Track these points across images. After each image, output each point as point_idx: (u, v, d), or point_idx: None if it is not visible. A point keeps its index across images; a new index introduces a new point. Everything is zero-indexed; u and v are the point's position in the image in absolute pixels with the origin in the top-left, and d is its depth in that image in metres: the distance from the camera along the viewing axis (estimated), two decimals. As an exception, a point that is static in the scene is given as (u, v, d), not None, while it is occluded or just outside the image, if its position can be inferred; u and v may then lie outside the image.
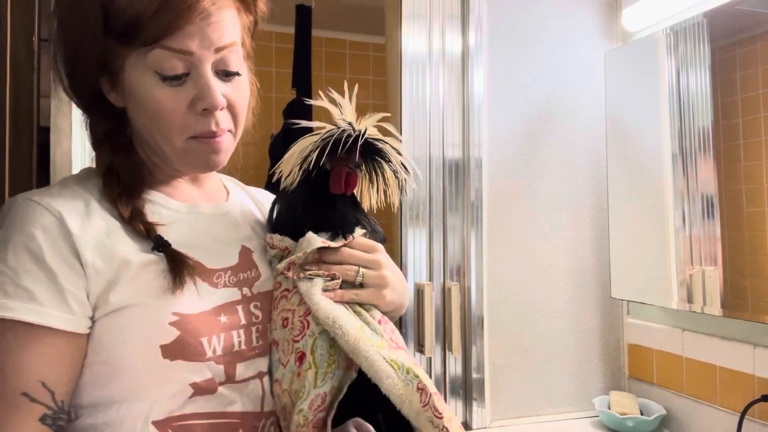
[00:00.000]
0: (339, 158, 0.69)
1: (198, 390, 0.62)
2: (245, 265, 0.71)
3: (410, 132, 1.40)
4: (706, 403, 1.31)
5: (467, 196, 1.43)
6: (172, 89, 0.63)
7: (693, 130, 1.30)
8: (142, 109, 0.64)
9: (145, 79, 0.62)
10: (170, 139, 0.65)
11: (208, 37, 0.62)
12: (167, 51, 0.61)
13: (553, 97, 1.55)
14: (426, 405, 0.61)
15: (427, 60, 1.43)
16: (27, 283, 0.58)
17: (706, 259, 1.27)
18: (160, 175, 0.72)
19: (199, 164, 0.68)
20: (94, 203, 0.64)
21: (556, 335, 1.53)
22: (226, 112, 0.67)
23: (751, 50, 1.18)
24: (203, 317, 0.64)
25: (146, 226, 0.64)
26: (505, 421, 1.46)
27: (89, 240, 0.61)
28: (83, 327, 0.60)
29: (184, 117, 0.64)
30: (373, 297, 0.68)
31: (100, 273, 0.60)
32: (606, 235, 1.56)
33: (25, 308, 0.57)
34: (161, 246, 0.63)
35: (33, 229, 0.59)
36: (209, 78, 0.63)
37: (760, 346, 1.20)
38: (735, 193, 1.22)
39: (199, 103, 0.63)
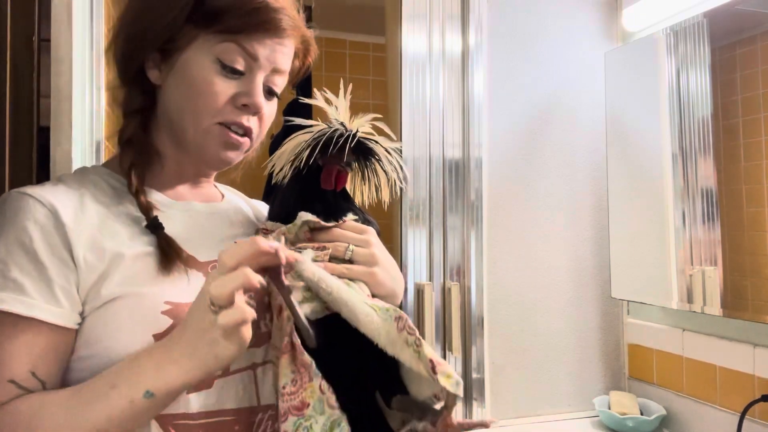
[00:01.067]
0: (331, 156, 0.70)
1: (197, 384, 0.61)
2: None
3: (410, 132, 1.40)
4: (706, 403, 1.31)
5: (467, 196, 1.43)
6: (226, 79, 0.67)
7: (693, 130, 1.30)
8: (188, 86, 0.67)
9: (206, 62, 0.67)
10: (200, 118, 0.68)
11: (275, 56, 0.69)
12: (239, 47, 0.67)
13: (553, 97, 1.55)
14: (402, 329, 0.59)
15: (427, 60, 1.43)
16: (17, 274, 0.58)
17: (706, 259, 1.27)
18: (165, 171, 0.74)
19: (213, 151, 0.70)
20: (88, 198, 0.65)
21: (556, 335, 1.53)
22: (256, 120, 0.71)
23: (751, 50, 1.18)
24: None
25: (148, 204, 0.66)
26: (505, 421, 1.46)
27: (82, 233, 0.62)
28: (72, 322, 0.60)
29: (224, 105, 0.68)
30: (363, 274, 0.68)
31: (92, 267, 0.61)
32: (606, 235, 1.56)
33: (12, 299, 0.57)
34: (155, 227, 0.65)
35: (25, 221, 0.60)
36: (260, 84, 0.69)
37: (760, 346, 1.20)
38: (735, 193, 1.22)
39: (242, 98, 0.68)
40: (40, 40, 1.11)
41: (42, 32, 1.11)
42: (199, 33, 0.67)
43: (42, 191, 0.63)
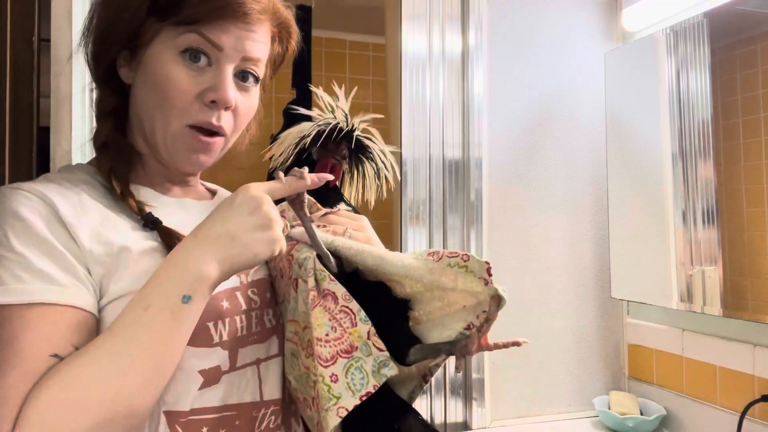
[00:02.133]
0: (326, 149, 0.72)
1: (206, 379, 0.61)
2: None
3: (410, 132, 1.40)
4: (706, 403, 1.31)
5: (467, 196, 1.43)
6: (190, 72, 0.64)
7: (693, 130, 1.30)
8: (153, 84, 0.64)
9: (168, 56, 0.63)
10: (169, 119, 0.65)
11: (242, 43, 0.65)
12: (201, 38, 0.63)
13: (553, 97, 1.55)
14: (440, 258, 0.62)
15: (427, 60, 1.43)
16: (41, 265, 0.55)
17: (706, 259, 1.27)
18: (148, 168, 0.71)
19: (183, 156, 0.67)
20: (85, 196, 0.63)
21: (556, 335, 1.53)
22: (230, 114, 0.67)
23: (751, 50, 1.18)
24: (208, 302, 0.62)
25: (138, 203, 0.64)
26: (505, 421, 1.46)
27: (85, 229, 0.60)
28: (96, 309, 0.58)
29: (191, 102, 0.64)
30: None
31: (100, 261, 0.59)
32: (606, 235, 1.56)
33: (46, 290, 0.55)
34: (152, 222, 0.63)
35: (29, 213, 0.57)
36: (228, 76, 0.65)
37: (760, 346, 1.20)
38: (735, 193, 1.22)
39: (210, 94, 0.64)
40: (40, 40, 1.11)
41: (42, 32, 1.11)
42: (162, 26, 0.63)
43: (37, 186, 0.61)
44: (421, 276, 0.62)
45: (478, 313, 0.67)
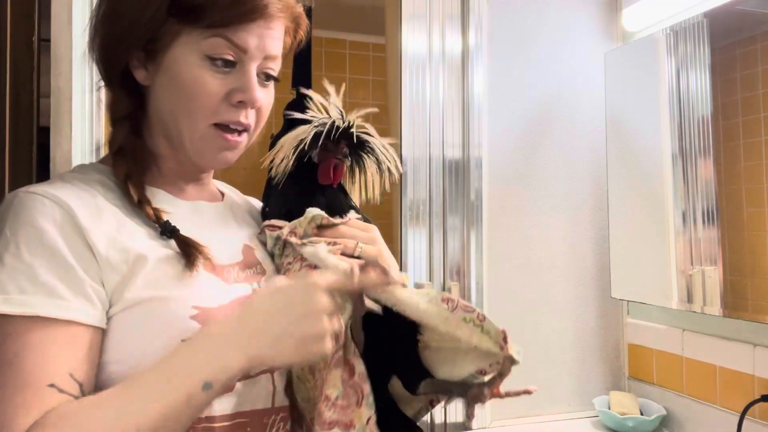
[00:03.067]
0: (326, 149, 0.71)
1: None
2: (250, 261, 0.71)
3: (410, 132, 1.40)
4: (706, 403, 1.31)
5: (467, 196, 1.43)
6: (217, 75, 0.64)
7: (693, 130, 1.30)
8: (179, 87, 0.64)
9: (193, 60, 0.64)
10: (196, 120, 0.65)
11: (265, 43, 0.66)
12: (226, 41, 0.63)
13: (553, 97, 1.55)
14: (455, 309, 0.61)
15: (427, 60, 1.43)
16: (46, 277, 0.55)
17: (706, 259, 1.27)
18: (165, 170, 0.71)
19: (211, 155, 0.68)
20: (101, 198, 0.63)
21: (556, 335, 1.53)
22: (253, 112, 0.68)
23: (751, 50, 1.18)
24: (223, 311, 0.62)
25: (155, 211, 0.64)
26: (505, 421, 1.46)
27: (101, 234, 0.59)
28: (103, 321, 0.58)
29: (218, 103, 0.65)
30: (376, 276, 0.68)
31: (115, 268, 0.59)
32: (606, 235, 1.56)
33: (48, 303, 0.55)
34: (170, 231, 0.63)
35: (44, 222, 0.57)
36: (254, 76, 0.66)
37: (760, 346, 1.20)
38: (735, 193, 1.22)
39: (237, 95, 0.65)
40: (40, 40, 1.11)
41: (42, 32, 1.11)
42: (182, 29, 0.63)
43: (54, 191, 0.60)
44: (436, 325, 0.61)
45: (491, 362, 0.66)
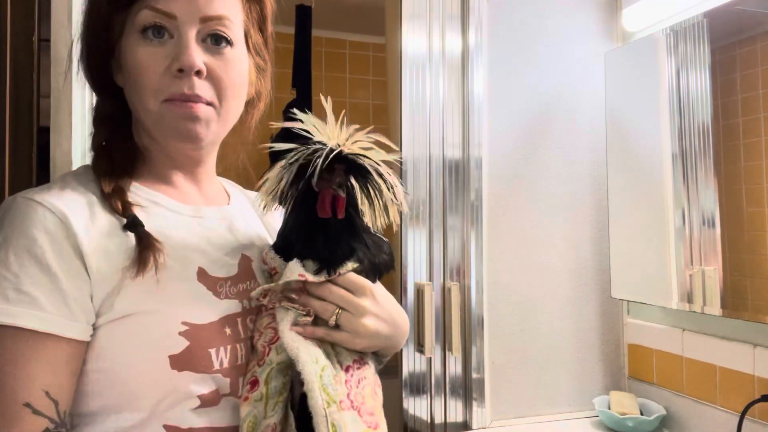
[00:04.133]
0: (321, 179, 0.63)
1: (204, 402, 0.61)
2: (244, 276, 0.70)
3: (410, 132, 1.40)
4: (706, 403, 1.31)
5: (467, 196, 1.43)
6: (153, 48, 0.63)
7: (693, 130, 1.30)
8: (128, 72, 0.65)
9: (132, 41, 0.63)
10: (146, 101, 0.64)
11: (195, 4, 0.63)
12: (152, 11, 0.62)
13: (553, 97, 1.55)
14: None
15: (427, 60, 1.43)
16: (29, 288, 0.55)
17: (706, 259, 1.27)
18: (157, 165, 0.70)
19: (174, 132, 0.65)
20: (97, 203, 0.62)
21: (556, 335, 1.53)
22: (206, 82, 0.65)
23: (751, 50, 1.18)
24: (212, 328, 0.62)
25: (124, 204, 0.63)
26: (505, 421, 1.46)
27: (94, 242, 0.59)
28: (86, 334, 0.58)
29: (161, 78, 0.63)
30: (346, 341, 0.66)
31: (105, 277, 0.59)
32: (606, 235, 1.56)
33: (27, 314, 0.55)
34: (133, 226, 0.61)
35: (35, 231, 0.57)
36: (189, 41, 0.63)
37: (760, 346, 1.20)
38: (735, 193, 1.22)
39: (175, 63, 0.63)
40: (40, 40, 1.11)
41: (42, 32, 1.11)
42: (124, 18, 0.64)
43: (50, 197, 0.59)
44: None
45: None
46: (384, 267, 0.72)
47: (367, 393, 0.65)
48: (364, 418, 0.62)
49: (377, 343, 0.69)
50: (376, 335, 0.67)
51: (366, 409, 0.64)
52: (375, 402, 0.66)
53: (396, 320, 0.71)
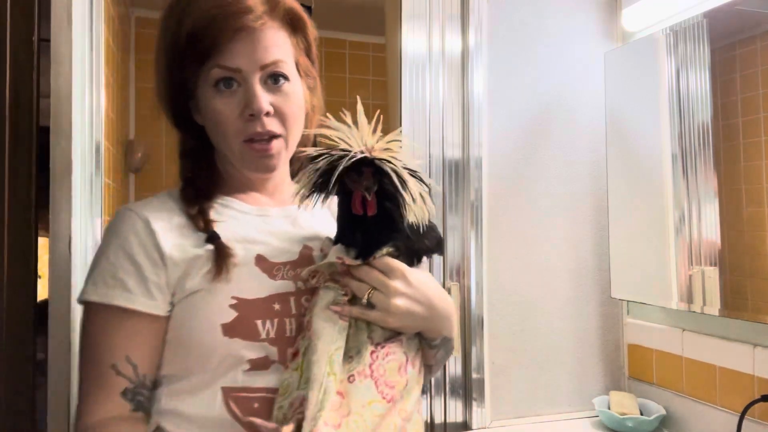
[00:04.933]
0: (354, 181, 0.70)
1: (254, 365, 0.71)
2: (304, 262, 0.79)
3: (410, 132, 1.40)
4: (706, 403, 1.31)
5: (467, 196, 1.43)
6: (226, 99, 0.75)
7: (693, 130, 1.30)
8: (209, 120, 0.78)
9: (208, 93, 0.76)
10: (229, 143, 0.77)
11: (255, 56, 0.74)
12: (221, 69, 0.74)
13: (553, 97, 1.55)
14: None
15: (427, 60, 1.43)
16: (121, 275, 0.72)
17: (706, 259, 1.27)
18: (235, 183, 0.84)
19: (254, 167, 0.79)
20: (177, 210, 0.78)
21: (556, 335, 1.53)
22: (274, 118, 0.76)
23: (751, 50, 1.18)
24: (258, 303, 0.73)
25: (205, 222, 0.77)
26: (505, 421, 1.46)
27: (169, 238, 0.74)
28: (162, 311, 0.73)
29: (236, 122, 0.75)
30: (378, 319, 0.72)
31: (177, 265, 0.73)
32: (606, 235, 1.56)
33: (119, 295, 0.72)
34: (212, 239, 0.75)
35: (126, 232, 0.74)
36: (256, 89, 0.74)
37: (760, 346, 1.20)
38: (735, 193, 1.22)
39: (246, 109, 0.75)
40: (40, 40, 1.11)
41: (42, 32, 1.11)
42: (197, 73, 0.76)
43: (140, 208, 0.77)
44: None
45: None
46: (423, 252, 0.78)
47: (391, 367, 0.71)
48: (379, 388, 0.69)
49: (411, 323, 0.75)
50: (409, 315, 0.74)
51: (386, 380, 0.69)
52: (399, 378, 0.71)
53: (433, 303, 0.76)
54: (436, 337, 0.79)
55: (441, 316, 0.78)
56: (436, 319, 0.77)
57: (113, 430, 0.70)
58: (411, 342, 0.76)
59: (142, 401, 0.73)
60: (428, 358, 0.81)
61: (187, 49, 0.74)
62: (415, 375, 0.74)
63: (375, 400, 0.67)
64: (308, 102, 0.84)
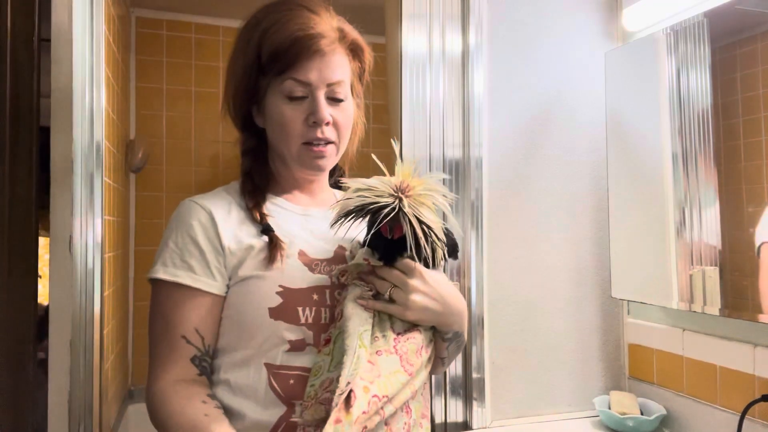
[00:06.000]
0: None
1: (293, 346, 0.82)
2: (338, 260, 0.90)
3: (410, 132, 1.40)
4: (706, 403, 1.31)
5: (467, 196, 1.43)
6: (295, 107, 0.88)
7: (693, 130, 1.30)
8: (274, 123, 0.90)
9: (278, 100, 0.88)
10: (290, 144, 0.89)
11: (324, 74, 0.87)
12: (294, 81, 0.87)
13: (554, 97, 1.55)
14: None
15: (427, 60, 1.43)
16: (187, 258, 0.84)
17: (707, 259, 1.27)
18: (284, 183, 0.96)
19: (308, 166, 0.91)
20: (234, 204, 0.91)
21: (556, 335, 1.53)
22: (331, 127, 0.89)
23: (751, 50, 1.18)
24: (300, 292, 0.84)
25: (261, 215, 0.89)
26: (505, 421, 1.46)
27: (228, 229, 0.86)
28: (221, 291, 0.85)
29: (300, 127, 0.88)
30: (398, 312, 0.82)
31: (234, 253, 0.85)
32: (606, 235, 1.56)
33: (185, 275, 0.84)
34: (267, 231, 0.87)
35: (192, 221, 0.86)
36: (321, 101, 0.87)
37: (760, 346, 1.20)
38: (735, 192, 1.22)
39: (310, 117, 0.87)
40: (40, 40, 1.11)
41: (42, 32, 1.11)
42: (269, 82, 0.88)
43: (203, 200, 0.89)
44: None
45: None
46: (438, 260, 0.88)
47: (411, 348, 0.81)
48: (402, 363, 0.79)
49: (427, 317, 0.84)
50: (425, 309, 0.83)
51: (408, 359, 0.80)
52: (418, 359, 0.81)
53: (447, 300, 0.85)
54: (449, 331, 0.88)
55: (453, 312, 0.87)
56: (448, 314, 0.86)
57: (184, 388, 0.81)
58: (426, 333, 0.85)
59: (206, 367, 0.84)
60: (441, 350, 0.90)
61: (269, 63, 0.87)
62: (425, 361, 0.83)
63: (399, 371, 0.77)
64: (357, 117, 0.97)
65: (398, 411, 0.78)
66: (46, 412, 1.10)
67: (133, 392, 2.28)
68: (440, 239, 0.82)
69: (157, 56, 2.42)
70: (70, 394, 1.12)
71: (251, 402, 0.81)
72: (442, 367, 0.94)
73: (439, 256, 0.85)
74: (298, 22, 0.87)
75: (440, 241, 0.83)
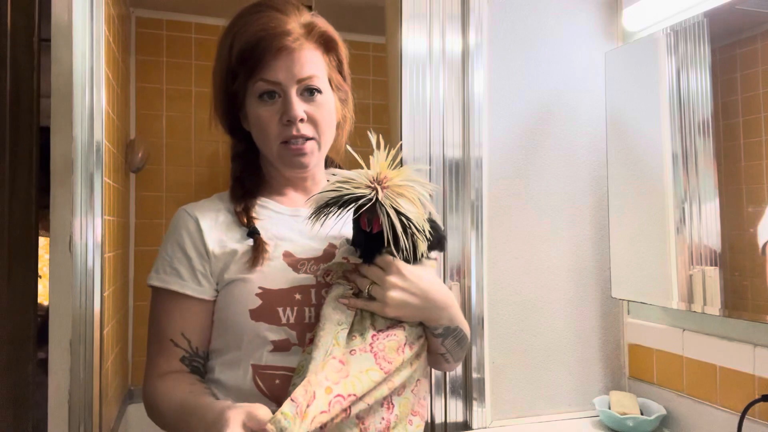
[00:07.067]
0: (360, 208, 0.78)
1: (276, 347, 0.83)
2: (327, 259, 0.90)
3: (410, 132, 1.40)
4: (706, 403, 1.31)
5: (467, 196, 1.43)
6: (268, 107, 0.88)
7: (693, 130, 1.30)
8: (254, 125, 0.91)
9: (254, 102, 0.89)
10: (269, 144, 0.90)
11: (293, 71, 0.87)
12: (264, 81, 0.87)
13: (554, 97, 1.55)
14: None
15: (427, 60, 1.43)
16: (176, 265, 0.88)
17: (707, 259, 1.27)
18: (275, 184, 0.97)
19: (290, 165, 0.91)
20: (223, 210, 0.93)
21: (556, 335, 1.53)
22: (308, 124, 0.89)
23: (751, 50, 1.18)
24: (281, 293, 0.85)
25: (248, 219, 0.90)
26: (505, 421, 1.46)
27: (214, 236, 0.89)
28: (210, 295, 0.88)
29: (276, 127, 0.88)
30: (377, 309, 0.83)
31: (219, 258, 0.88)
32: (606, 235, 1.56)
33: (174, 281, 0.87)
34: (252, 234, 0.88)
35: (181, 229, 0.89)
36: (292, 99, 0.87)
37: (760, 346, 1.20)
38: (736, 192, 1.22)
39: (284, 116, 0.87)
40: (40, 40, 1.11)
41: (42, 32, 1.11)
42: (245, 86, 0.89)
43: (193, 208, 0.92)
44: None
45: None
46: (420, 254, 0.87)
47: (390, 346, 0.81)
48: (378, 361, 0.78)
49: (408, 312, 0.84)
50: (404, 305, 0.83)
51: (384, 356, 0.79)
52: (397, 356, 0.80)
53: (429, 295, 0.85)
54: (438, 326, 0.87)
55: (437, 306, 0.86)
56: (432, 308, 0.85)
57: (173, 378, 0.86)
58: (413, 329, 0.85)
59: (198, 367, 0.88)
60: (436, 347, 0.89)
61: (238, 66, 0.88)
62: (411, 357, 0.83)
63: (373, 368, 0.77)
64: (340, 112, 0.97)
65: (375, 407, 0.77)
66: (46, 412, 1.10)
67: (132, 392, 2.28)
68: (421, 231, 0.81)
69: (157, 56, 2.43)
70: (70, 394, 1.12)
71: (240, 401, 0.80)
72: (447, 363, 0.93)
73: (421, 249, 0.84)
74: (262, 22, 0.87)
75: (421, 233, 0.81)
